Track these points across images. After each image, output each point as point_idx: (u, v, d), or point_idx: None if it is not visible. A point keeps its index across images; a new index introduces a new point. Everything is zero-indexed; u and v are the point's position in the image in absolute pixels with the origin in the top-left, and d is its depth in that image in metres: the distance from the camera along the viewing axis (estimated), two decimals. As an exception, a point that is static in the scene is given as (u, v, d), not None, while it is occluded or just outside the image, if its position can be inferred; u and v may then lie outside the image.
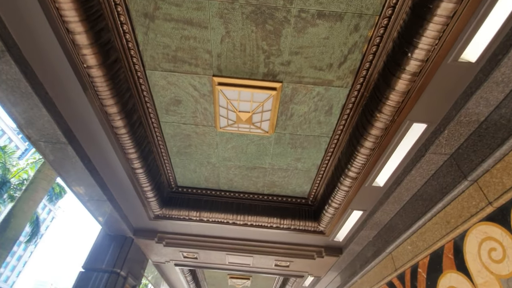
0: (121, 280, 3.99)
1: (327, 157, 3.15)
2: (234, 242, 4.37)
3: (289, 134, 2.94)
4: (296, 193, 3.86)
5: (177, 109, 2.76)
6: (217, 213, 3.85)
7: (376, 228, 3.48)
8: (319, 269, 4.82)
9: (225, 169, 3.51)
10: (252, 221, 3.88)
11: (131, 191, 3.47)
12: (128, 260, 4.20)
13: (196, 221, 3.91)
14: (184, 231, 4.30)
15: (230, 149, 3.20)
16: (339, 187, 3.08)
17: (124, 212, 3.85)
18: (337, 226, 3.82)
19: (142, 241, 4.31)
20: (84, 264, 3.93)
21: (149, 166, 3.18)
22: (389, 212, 3.14)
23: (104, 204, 3.49)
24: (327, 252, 4.26)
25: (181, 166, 3.53)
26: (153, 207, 3.74)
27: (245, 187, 3.82)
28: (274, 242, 4.34)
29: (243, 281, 7.04)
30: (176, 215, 3.90)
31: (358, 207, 3.37)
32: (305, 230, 3.91)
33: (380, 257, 3.49)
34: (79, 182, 3.11)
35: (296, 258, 4.46)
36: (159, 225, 4.19)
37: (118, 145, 2.79)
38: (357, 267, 4.15)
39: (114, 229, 4.10)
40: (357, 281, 4.31)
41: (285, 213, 3.90)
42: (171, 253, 4.69)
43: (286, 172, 3.47)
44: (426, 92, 2.04)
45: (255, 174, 3.54)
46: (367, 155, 2.60)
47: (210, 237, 4.34)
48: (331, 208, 3.42)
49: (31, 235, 15.52)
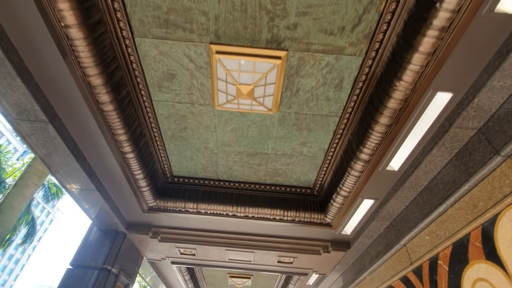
0: (112, 278, 3.70)
1: (335, 140, 2.88)
2: (234, 237, 4.09)
3: (294, 114, 2.67)
4: (300, 183, 3.58)
5: (170, 85, 2.49)
6: (215, 204, 3.58)
7: (389, 219, 3.20)
8: (325, 266, 4.54)
9: (224, 156, 3.23)
10: (253, 213, 3.61)
11: (122, 179, 3.19)
12: (120, 256, 3.91)
13: (193, 213, 3.64)
14: (180, 225, 4.02)
15: (229, 132, 2.93)
16: (349, 172, 2.81)
17: (116, 204, 3.57)
18: (345, 218, 3.55)
19: (135, 236, 4.03)
20: (72, 261, 3.65)
21: (141, 151, 2.91)
22: (404, 200, 2.87)
23: (93, 194, 3.21)
24: (333, 246, 3.98)
25: (176, 153, 3.25)
26: (147, 198, 3.46)
27: (245, 177, 3.55)
28: (277, 236, 4.06)
29: (243, 280, 6.75)
30: (171, 207, 3.62)
31: (369, 196, 3.10)
32: (310, 222, 3.64)
33: (392, 250, 3.22)
34: (63, 168, 2.83)
35: (300, 254, 4.18)
36: (154, 218, 3.91)
37: (106, 125, 2.51)
38: (366, 263, 3.87)
39: (105, 223, 3.82)
40: (366, 277, 4.03)
41: (289, 205, 3.62)
42: (167, 249, 4.40)
43: (291, 159, 3.20)
44: (454, 52, 1.78)
45: (257, 161, 3.27)
46: (382, 134, 2.33)
47: (209, 231, 4.05)
48: (339, 197, 3.15)
49: (26, 236, 15.17)
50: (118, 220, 3.70)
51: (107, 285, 3.59)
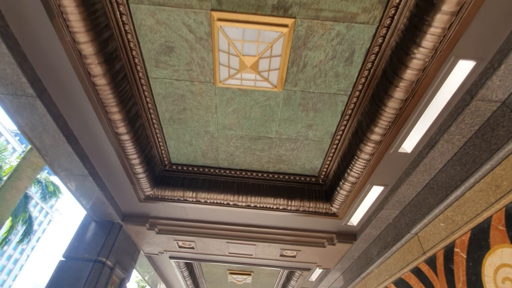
0: (107, 271, 3.52)
1: (343, 121, 2.72)
2: (235, 229, 3.91)
3: (300, 92, 2.50)
4: (305, 171, 3.41)
5: (168, 60, 2.32)
6: (215, 193, 3.40)
7: (399, 207, 3.04)
8: (329, 260, 4.37)
9: (225, 140, 3.06)
10: (255, 203, 3.44)
11: (117, 165, 3.02)
12: (116, 249, 3.73)
13: (192, 202, 3.46)
14: (179, 216, 3.85)
15: (231, 114, 2.76)
16: (358, 155, 2.65)
17: (110, 192, 3.39)
18: (352, 207, 3.38)
19: (131, 228, 3.85)
20: (65, 253, 3.47)
21: (137, 134, 2.74)
22: (417, 185, 2.70)
23: (86, 181, 3.03)
24: (339, 238, 3.81)
25: (174, 137, 3.08)
26: (143, 186, 3.28)
27: (247, 164, 3.38)
28: (280, 228, 3.88)
29: (243, 277, 6.56)
30: (169, 196, 3.44)
31: (378, 182, 2.93)
32: (315, 212, 3.47)
33: (403, 240, 3.05)
34: (53, 150, 2.66)
35: (304, 247, 4.01)
36: (151, 209, 3.73)
37: (99, 102, 2.34)
38: (373, 255, 3.70)
39: (99, 213, 3.64)
40: (373, 271, 3.85)
41: (293, 194, 3.45)
42: (164, 242, 4.22)
43: (295, 143, 3.03)
44: (480, 13, 1.62)
45: (260, 146, 3.10)
46: (396, 110, 2.17)
47: (208, 222, 3.88)
48: (347, 183, 2.98)
49: (23, 234, 14.96)
50: (113, 210, 3.53)
51: (102, 278, 3.41)
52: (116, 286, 3.83)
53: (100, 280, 3.36)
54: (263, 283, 7.16)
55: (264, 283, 7.19)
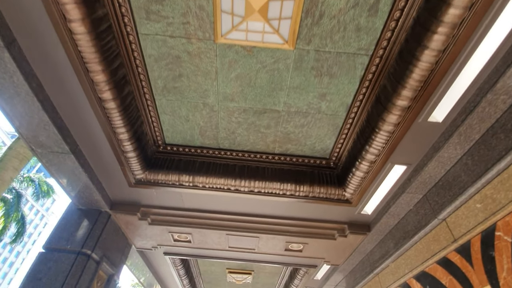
0: (92, 264, 3.14)
1: (362, 90, 2.38)
2: (236, 219, 3.54)
3: (314, 52, 2.16)
4: (315, 152, 3.06)
5: (161, 10, 1.97)
6: (215, 177, 3.04)
7: (423, 189, 2.69)
8: (339, 254, 4.00)
9: (226, 115, 2.71)
10: (259, 188, 3.08)
11: (103, 141, 2.65)
12: (103, 241, 3.35)
13: (189, 187, 3.10)
14: (174, 205, 3.47)
15: (233, 81, 2.41)
16: (380, 128, 2.30)
17: (96, 175, 3.02)
18: (367, 193, 3.02)
19: (121, 217, 3.47)
20: (45, 244, 3.08)
21: (125, 102, 2.38)
22: (447, 162, 2.36)
23: (67, 160, 2.66)
24: (351, 229, 3.45)
25: (169, 112, 2.73)
26: (134, 167, 2.92)
27: (250, 144, 3.02)
28: (286, 217, 3.52)
29: (243, 276, 6.17)
30: (163, 181, 3.08)
31: (401, 160, 2.58)
32: (326, 198, 3.11)
33: (427, 228, 2.70)
34: (28, 120, 2.29)
35: (311, 239, 3.64)
36: (143, 195, 3.36)
37: (79, 58, 1.99)
38: (389, 247, 3.35)
39: (85, 200, 3.26)
40: (388, 265, 3.49)
41: (302, 178, 3.10)
42: (158, 235, 3.84)
43: (305, 118, 2.69)
44: None
45: (265, 121, 2.75)
46: (431, 65, 1.82)
47: (207, 211, 3.51)
48: (364, 163, 2.63)
49: (16, 234, 14.49)
50: (100, 196, 3.15)
51: (86, 272, 3.02)
52: (103, 282, 3.44)
53: (84, 274, 2.97)
54: (263, 283, 6.76)
55: (265, 283, 6.80)
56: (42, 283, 2.76)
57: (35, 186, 14.99)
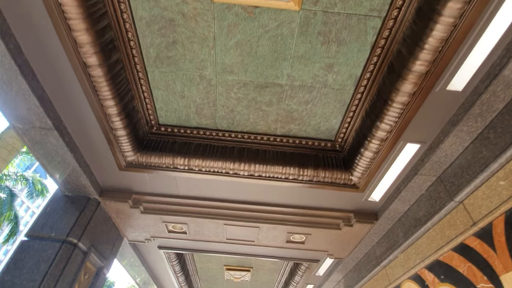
0: (79, 255, 2.90)
1: (373, 59, 2.18)
2: (235, 207, 3.32)
3: (321, 14, 1.97)
4: (320, 133, 2.86)
5: (153, -39, 1.77)
6: (212, 160, 2.83)
7: (438, 170, 2.49)
8: (343, 246, 3.78)
9: (225, 90, 2.51)
10: (260, 172, 2.86)
11: (90, 117, 2.44)
12: (91, 230, 3.11)
13: (184, 171, 2.88)
14: (168, 191, 3.25)
15: (233, 49, 2.21)
16: (393, 99, 2.10)
17: (83, 156, 2.79)
18: (376, 176, 2.82)
19: (111, 205, 3.24)
20: (28, 232, 2.85)
21: (114, 71, 2.17)
22: (465, 137, 2.16)
23: (51, 137, 2.44)
24: (358, 218, 3.24)
25: (163, 87, 2.51)
26: (124, 147, 2.70)
27: (251, 124, 2.82)
28: (288, 205, 3.30)
29: (242, 274, 5.93)
30: (156, 164, 2.86)
31: (414, 138, 2.38)
32: (331, 183, 2.90)
33: (441, 213, 2.50)
34: (4, 89, 2.07)
35: (315, 229, 3.43)
36: (134, 181, 3.13)
37: (60, 16, 1.78)
38: (398, 237, 3.14)
39: (72, 186, 3.03)
40: (397, 257, 3.28)
41: (305, 162, 2.89)
42: (151, 225, 3.61)
43: (310, 94, 2.49)
44: None
45: (267, 97, 2.55)
46: (455, 20, 1.63)
47: (203, 199, 3.28)
48: (374, 141, 2.43)
49: (9, 234, 14.18)
50: (89, 181, 2.92)
51: (72, 262, 2.79)
52: (91, 275, 3.20)
53: (69, 264, 2.73)
54: (262, 281, 6.52)
55: (264, 281, 6.55)
56: (22, 273, 2.52)
57: (29, 186, 14.76)
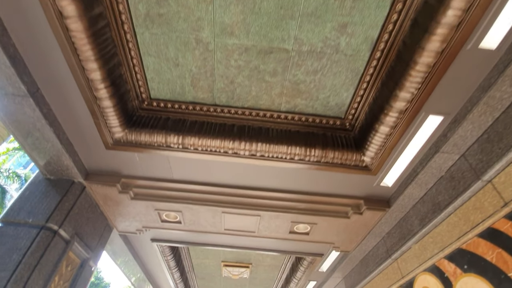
0: (59, 243, 2.60)
1: (393, 16, 1.91)
2: (234, 192, 3.04)
3: (337, -42, 1.70)
4: (328, 110, 2.59)
5: None
6: (209, 138, 2.55)
7: (462, 146, 2.22)
8: (351, 237, 3.51)
9: (224, 56, 2.23)
10: (263, 151, 2.59)
11: (71, 82, 2.15)
12: (75, 216, 2.82)
13: (178, 149, 2.60)
14: (160, 175, 2.96)
15: (233, 4, 1.93)
16: (416, 60, 1.84)
17: (65, 131, 2.50)
18: (390, 157, 2.56)
19: (98, 190, 2.94)
20: (2, 217, 2.54)
21: (97, 26, 1.88)
22: (497, 105, 1.90)
23: (25, 105, 2.14)
24: (368, 205, 2.97)
25: (154, 52, 2.23)
26: (111, 121, 2.41)
27: (252, 99, 2.54)
28: (293, 191, 3.02)
29: (240, 270, 5.64)
30: (147, 142, 2.57)
31: (438, 108, 2.12)
32: (341, 164, 2.63)
33: (466, 194, 2.23)
34: (-33, 43, 1.78)
35: (321, 218, 3.15)
36: (123, 163, 2.84)
37: None
38: (413, 225, 2.87)
39: (54, 168, 2.73)
40: (411, 247, 3.01)
41: (312, 141, 2.62)
42: (143, 213, 3.31)
43: (320, 61, 2.22)
44: None
45: (271, 65, 2.28)
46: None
47: (199, 183, 3.00)
48: (392, 113, 2.16)
49: None
50: (72, 161, 2.63)
51: (51, 250, 2.49)
52: (75, 267, 2.90)
53: (47, 253, 2.44)
54: (262, 278, 6.23)
55: (263, 279, 6.27)
56: (-7, 262, 2.22)
57: (21, 182, 14.50)
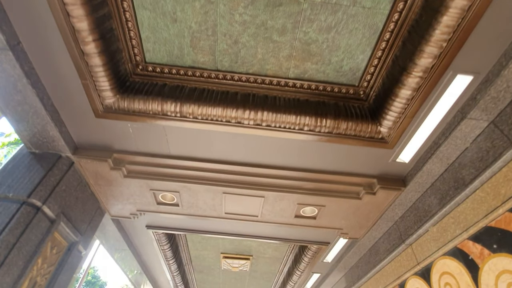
0: (43, 221, 2.35)
1: (421, -44, 1.68)
2: (236, 170, 2.79)
3: None
4: (341, 75, 2.35)
5: None
6: (210, 106, 2.31)
7: (492, 111, 1.99)
8: (361, 222, 3.27)
9: (228, 10, 1.99)
10: (269, 121, 2.35)
11: (55, 35, 1.90)
12: (62, 193, 2.57)
13: (175, 119, 2.35)
14: (156, 150, 2.71)
15: None
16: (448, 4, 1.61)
17: (49, 94, 2.24)
18: (410, 127, 2.33)
19: (88, 166, 2.69)
20: (-20, 192, 2.29)
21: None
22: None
23: (5, 62, 1.89)
24: (382, 184, 2.73)
25: (149, 6, 1.99)
26: (101, 84, 2.16)
27: (258, 62, 2.30)
28: (300, 169, 2.78)
29: (240, 262, 5.40)
30: (141, 110, 2.33)
31: (467, 66, 1.89)
32: (355, 136, 2.40)
33: (496, 166, 1.99)
34: None
35: (330, 199, 2.91)
36: (115, 136, 2.59)
37: None
38: (431, 205, 2.64)
39: (39, 139, 2.48)
40: (428, 230, 2.78)
41: (323, 110, 2.39)
42: (137, 194, 3.06)
43: (335, 15, 1.98)
44: None
45: (280, 21, 2.04)
46: None
47: (199, 160, 2.75)
48: (415, 72, 1.93)
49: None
50: (58, 132, 2.38)
51: (33, 228, 2.24)
52: (61, 250, 2.65)
53: (29, 231, 2.18)
54: (263, 271, 5.99)
55: (264, 272, 6.03)
56: (-34, 238, 1.97)
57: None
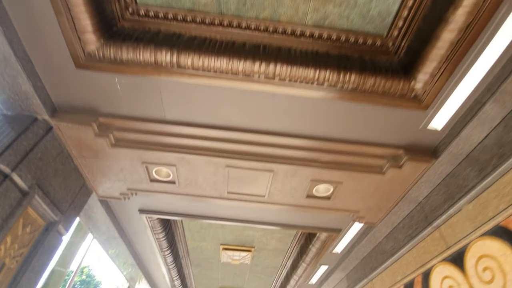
0: (12, 191, 1.97)
1: None
2: (242, 138, 2.42)
3: None
4: (368, 23, 1.99)
5: None
6: (212, 56, 1.94)
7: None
8: (380, 203, 2.91)
9: None
10: (283, 75, 1.98)
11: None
12: (37, 162, 2.18)
13: (172, 72, 1.98)
14: (149, 114, 2.33)
15: None
16: None
17: (19, 35, 1.86)
18: (450, 83, 1.97)
19: (69, 131, 2.30)
20: None
21: None
22: None
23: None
24: (410, 155, 2.38)
25: None
26: (83, 24, 1.78)
27: (270, 6, 1.93)
28: (316, 137, 2.41)
29: (242, 255, 5.03)
30: (130, 60, 1.95)
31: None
32: (384, 93, 2.05)
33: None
34: None
35: (350, 173, 2.54)
36: (101, 95, 2.21)
37: None
38: (467, 179, 2.29)
39: (11, 97, 2.09)
40: (462, 208, 2.42)
41: (346, 64, 2.03)
42: (128, 169, 2.67)
43: None
44: None
45: None
46: None
47: (199, 125, 2.37)
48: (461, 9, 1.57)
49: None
50: (31, 86, 2.00)
51: (0, 198, 1.85)
52: (37, 230, 2.26)
53: (-8, 201, 1.80)
54: (264, 265, 5.62)
55: (266, 266, 5.66)
56: None
57: None
